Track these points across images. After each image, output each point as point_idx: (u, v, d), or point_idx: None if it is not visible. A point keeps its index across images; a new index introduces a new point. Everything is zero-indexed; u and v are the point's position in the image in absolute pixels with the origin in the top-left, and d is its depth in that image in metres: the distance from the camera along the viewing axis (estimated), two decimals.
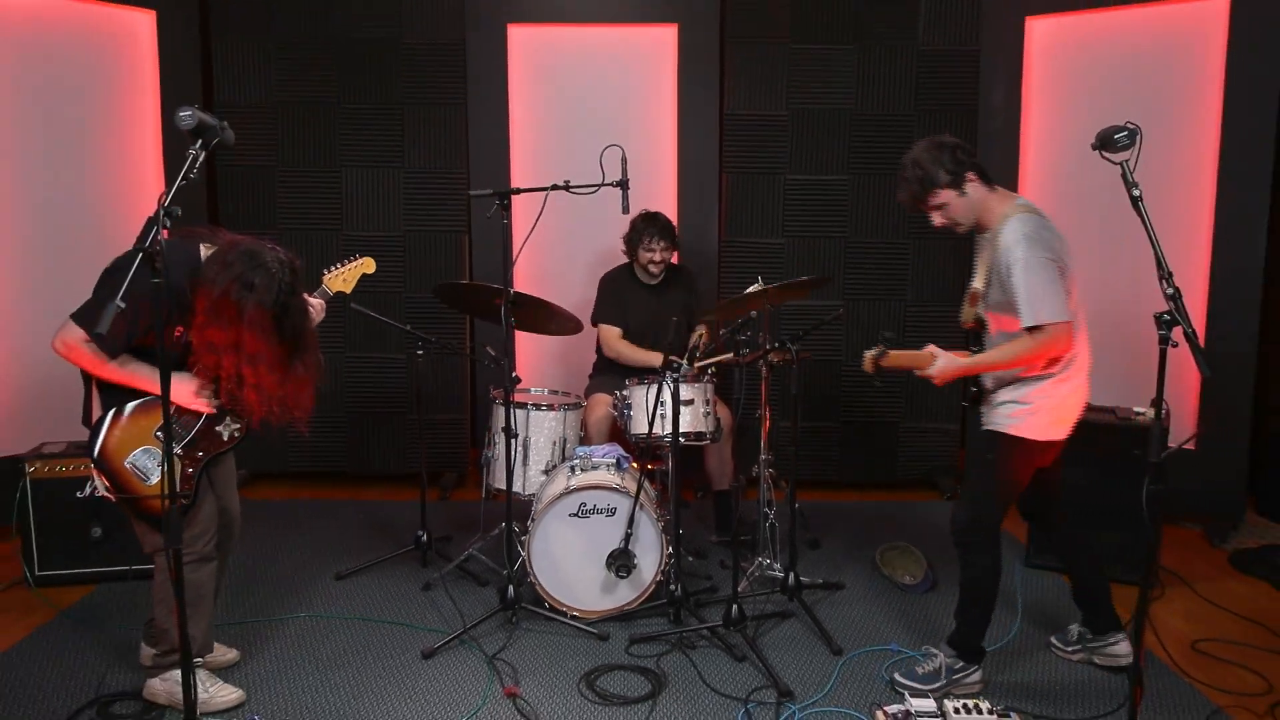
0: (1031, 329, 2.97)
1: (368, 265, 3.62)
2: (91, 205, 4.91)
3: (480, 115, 5.54)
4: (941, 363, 3.15)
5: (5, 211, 4.71)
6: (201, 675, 3.11)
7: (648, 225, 4.73)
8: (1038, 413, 3.12)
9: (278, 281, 2.85)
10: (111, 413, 2.98)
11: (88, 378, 3.02)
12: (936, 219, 3.21)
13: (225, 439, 3.12)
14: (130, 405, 2.99)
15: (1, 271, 4.72)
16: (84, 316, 2.88)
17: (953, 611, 3.37)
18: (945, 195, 3.13)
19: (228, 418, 3.10)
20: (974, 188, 3.12)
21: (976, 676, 3.28)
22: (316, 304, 3.31)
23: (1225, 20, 4.73)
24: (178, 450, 2.98)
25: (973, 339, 3.36)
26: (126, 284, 2.26)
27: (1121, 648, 3.44)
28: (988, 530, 3.21)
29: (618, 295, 4.87)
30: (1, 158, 4.69)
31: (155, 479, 2.99)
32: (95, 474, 3.00)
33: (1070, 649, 3.55)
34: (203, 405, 3.02)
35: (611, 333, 4.82)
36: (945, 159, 3.09)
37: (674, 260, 4.95)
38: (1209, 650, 3.62)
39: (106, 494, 3.01)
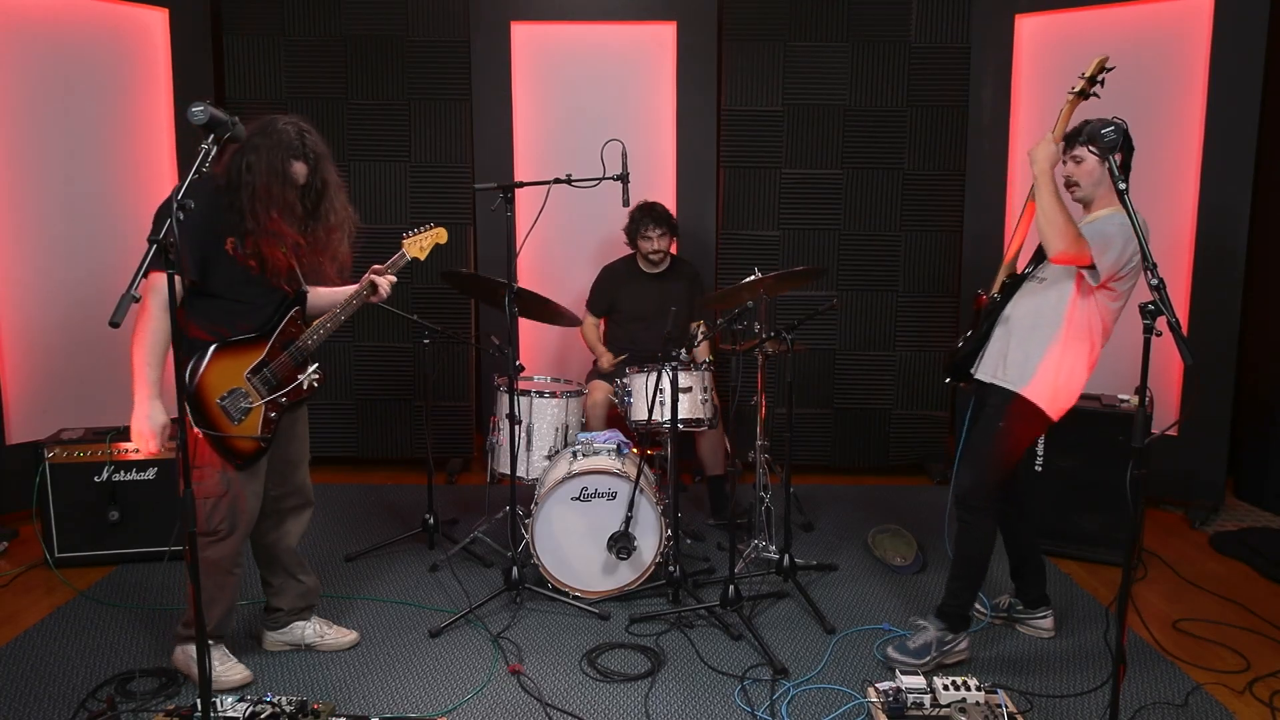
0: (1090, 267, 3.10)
1: (440, 235, 3.59)
2: (108, 199, 4.95)
3: (484, 111, 5.59)
4: (1048, 150, 3.15)
5: (26, 205, 4.76)
6: (215, 653, 3.16)
7: (644, 215, 4.82)
8: (1056, 389, 3.22)
9: (289, 135, 2.98)
10: (213, 349, 2.99)
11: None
12: (1068, 167, 3.28)
13: (305, 387, 3.16)
14: (223, 344, 3.02)
15: (23, 263, 4.77)
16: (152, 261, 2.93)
17: (945, 580, 3.45)
18: (1089, 155, 3.21)
19: (311, 367, 3.17)
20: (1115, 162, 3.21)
21: (965, 644, 3.39)
22: (389, 279, 3.32)
23: (1209, 18, 4.80)
24: (265, 399, 3.07)
25: (984, 315, 3.46)
26: (139, 274, 2.29)
27: (1047, 622, 3.60)
28: (989, 494, 3.31)
29: (608, 287, 4.99)
30: (22, 153, 4.74)
31: (239, 420, 3.04)
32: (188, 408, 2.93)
33: (994, 614, 3.69)
34: (153, 445, 2.97)
35: (588, 320, 5.03)
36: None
37: (674, 250, 5.01)
38: (1189, 629, 3.68)
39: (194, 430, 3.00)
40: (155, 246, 2.30)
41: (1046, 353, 3.23)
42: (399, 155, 5.59)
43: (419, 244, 3.52)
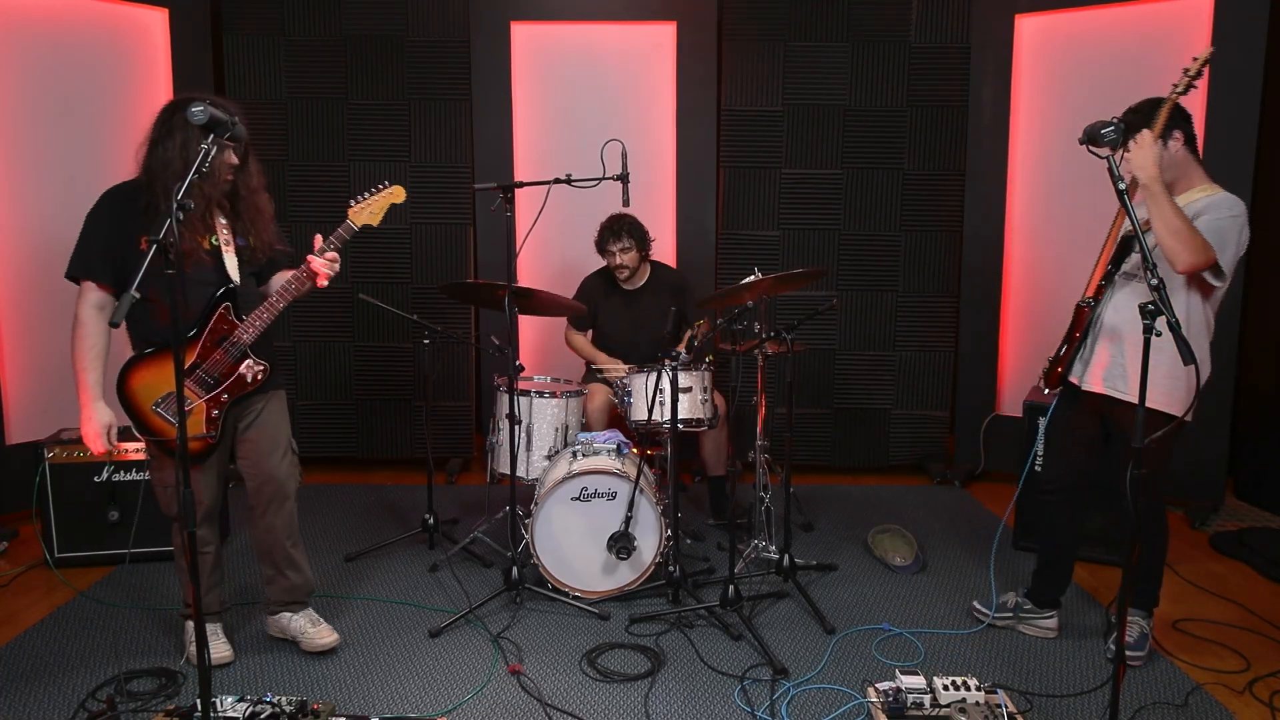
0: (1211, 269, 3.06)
1: (397, 194, 3.29)
2: None
3: (484, 111, 5.60)
4: (1152, 153, 3.03)
5: (26, 204, 4.76)
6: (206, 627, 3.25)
7: (605, 229, 4.71)
8: (1189, 391, 3.12)
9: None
10: (135, 357, 3.07)
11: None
12: (1125, 165, 3.11)
13: (249, 380, 3.16)
14: (141, 355, 3.09)
15: (22, 263, 4.77)
16: (73, 268, 3.06)
17: (944, 582, 3.49)
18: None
19: (250, 359, 3.15)
20: (1176, 146, 3.14)
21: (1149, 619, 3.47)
22: (330, 257, 3.16)
23: (1209, 18, 4.80)
24: (204, 398, 3.10)
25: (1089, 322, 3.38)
26: (140, 275, 2.32)
27: (1052, 623, 3.60)
28: (1161, 506, 3.38)
29: (590, 301, 4.87)
30: (22, 153, 4.74)
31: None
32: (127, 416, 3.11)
33: (1000, 615, 3.66)
34: (99, 446, 3.09)
35: (573, 334, 4.96)
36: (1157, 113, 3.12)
37: (649, 258, 4.90)
38: (1189, 629, 3.68)
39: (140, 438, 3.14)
40: (155, 246, 2.31)
41: (1174, 367, 3.08)
42: (399, 155, 5.59)
43: (368, 210, 3.26)
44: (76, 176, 4.89)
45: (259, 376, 3.18)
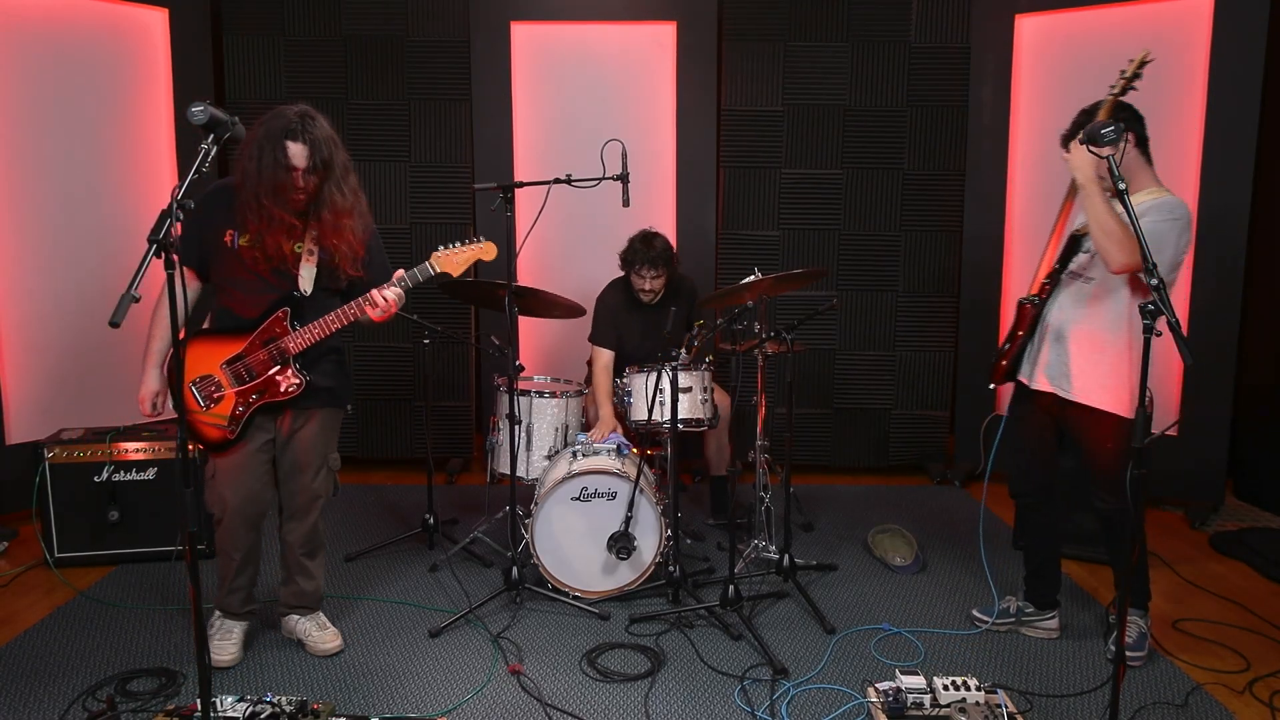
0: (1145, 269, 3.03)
1: (487, 251, 3.33)
2: (108, 198, 4.96)
3: (484, 111, 5.59)
4: (1085, 158, 2.99)
5: (26, 204, 4.76)
6: (223, 626, 3.38)
7: (640, 256, 4.55)
8: (1133, 391, 3.12)
9: (286, 118, 3.03)
10: (195, 331, 3.19)
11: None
12: None
13: (282, 390, 3.16)
14: (199, 332, 3.20)
15: (23, 262, 4.76)
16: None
17: (944, 581, 3.53)
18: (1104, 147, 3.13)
19: (290, 369, 3.16)
20: (1128, 149, 3.11)
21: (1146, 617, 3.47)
22: (396, 293, 3.21)
23: (1209, 19, 4.80)
24: (235, 389, 3.15)
25: (1031, 320, 3.39)
26: (139, 274, 2.30)
27: (1054, 623, 3.60)
28: (1127, 506, 3.34)
29: (613, 317, 4.76)
30: (22, 152, 4.74)
31: (208, 407, 3.16)
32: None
33: (1001, 620, 3.64)
34: (145, 410, 3.22)
35: (599, 356, 4.69)
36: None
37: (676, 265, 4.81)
38: (1189, 629, 3.68)
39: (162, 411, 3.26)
40: (155, 246, 2.31)
41: (1117, 366, 3.15)
42: (399, 155, 5.59)
43: (454, 260, 3.31)
44: (76, 176, 4.89)
45: (292, 389, 3.18)
